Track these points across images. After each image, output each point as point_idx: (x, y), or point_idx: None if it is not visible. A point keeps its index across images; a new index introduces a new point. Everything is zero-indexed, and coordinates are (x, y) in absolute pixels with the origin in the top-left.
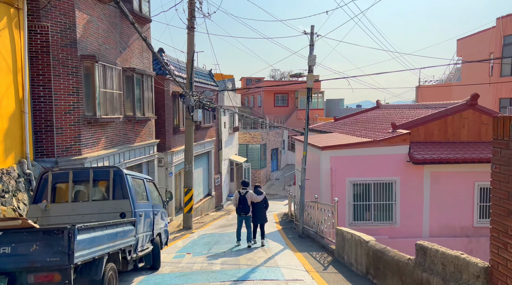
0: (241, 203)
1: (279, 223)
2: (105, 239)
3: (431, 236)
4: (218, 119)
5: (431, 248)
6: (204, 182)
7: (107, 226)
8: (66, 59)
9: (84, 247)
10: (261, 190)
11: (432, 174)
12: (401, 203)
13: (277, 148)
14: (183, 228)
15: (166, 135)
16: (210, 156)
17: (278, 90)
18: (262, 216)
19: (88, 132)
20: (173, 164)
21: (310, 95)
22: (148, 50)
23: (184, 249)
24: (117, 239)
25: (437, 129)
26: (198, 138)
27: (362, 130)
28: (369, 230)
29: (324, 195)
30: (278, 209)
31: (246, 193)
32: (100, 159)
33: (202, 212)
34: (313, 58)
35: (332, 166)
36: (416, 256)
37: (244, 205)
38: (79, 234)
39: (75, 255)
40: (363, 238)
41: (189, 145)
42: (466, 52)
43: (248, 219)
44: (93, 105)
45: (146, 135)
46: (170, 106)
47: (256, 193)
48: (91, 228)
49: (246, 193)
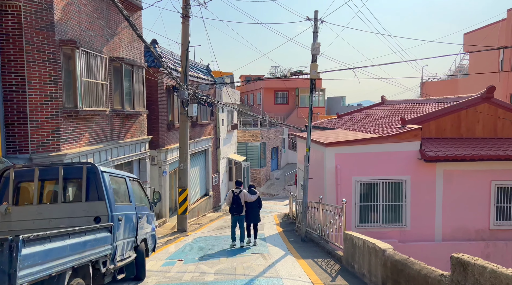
0: (235, 202)
1: (279, 224)
2: (67, 250)
3: (444, 239)
4: (216, 116)
5: (475, 264)
6: (201, 181)
7: (70, 234)
8: (42, 43)
9: (35, 262)
10: (255, 189)
11: (445, 172)
12: (412, 204)
13: (277, 147)
14: (177, 231)
15: (159, 132)
16: (208, 155)
17: (278, 87)
18: (256, 216)
19: (68, 125)
20: (167, 163)
21: (314, 86)
22: (139, 40)
23: (175, 255)
24: (87, 249)
25: (450, 124)
26: (195, 136)
27: (368, 126)
28: (377, 233)
29: (328, 195)
30: (278, 209)
31: (239, 192)
32: (83, 156)
33: (199, 213)
34: (317, 47)
35: (337, 164)
36: (452, 272)
37: (238, 204)
38: (27, 246)
39: (19, 274)
40: (378, 245)
41: (184, 142)
42: (474, 46)
43: (241, 218)
44: (74, 96)
45: (137, 131)
46: (164, 101)
47: (250, 193)
48: (45, 238)
49: (239, 192)
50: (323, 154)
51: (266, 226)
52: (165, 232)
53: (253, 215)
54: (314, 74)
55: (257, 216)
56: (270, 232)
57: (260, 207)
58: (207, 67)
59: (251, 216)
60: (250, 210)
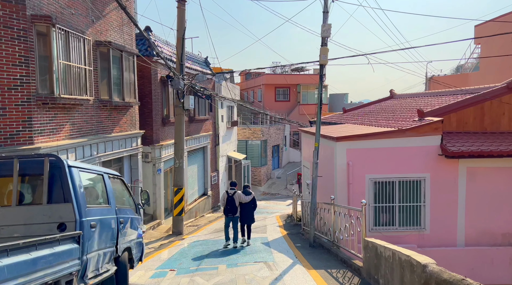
0: (229, 203)
1: (283, 227)
2: (4, 273)
3: (467, 244)
4: (215, 112)
5: None
6: (200, 180)
7: (9, 250)
8: (10, 18)
9: None
10: (250, 190)
11: (469, 170)
12: (431, 204)
13: (278, 145)
14: (172, 233)
15: (153, 126)
16: (206, 152)
17: (279, 84)
18: (250, 217)
19: (43, 115)
20: (162, 160)
21: (324, 73)
22: (130, 24)
23: (168, 263)
24: (38, 269)
25: (472, 117)
26: (192, 132)
27: (380, 120)
28: (393, 237)
29: (339, 195)
30: (280, 210)
31: (234, 193)
32: (62, 150)
33: (197, 214)
34: (327, 28)
35: (348, 161)
36: None
37: (232, 205)
38: None
39: None
40: (415, 259)
41: (180, 137)
42: (486, 38)
43: (235, 219)
44: (50, 81)
45: (128, 125)
46: (159, 93)
47: (245, 193)
48: None
49: (234, 193)
50: (333, 149)
51: (268, 228)
52: (159, 235)
53: (247, 216)
54: (324, 59)
55: (252, 217)
56: (274, 235)
57: (254, 208)
58: (205, 60)
59: (246, 217)
60: (244, 211)
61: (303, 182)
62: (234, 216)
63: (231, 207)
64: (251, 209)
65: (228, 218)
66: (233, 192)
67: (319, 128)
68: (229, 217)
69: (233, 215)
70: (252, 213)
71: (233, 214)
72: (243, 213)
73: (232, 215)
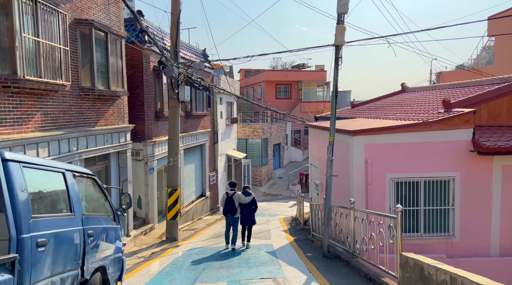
0: (228, 204)
1: (288, 231)
2: None
3: (503, 254)
4: (213, 107)
5: None
6: (197, 180)
7: None
8: None
9: None
10: (250, 191)
11: (505, 168)
12: (461, 208)
13: (280, 144)
14: (166, 239)
15: (145, 121)
16: (204, 151)
17: (279, 81)
18: (251, 218)
19: (4, 101)
20: (155, 158)
21: (340, 56)
22: (118, 3)
23: (157, 279)
24: None
25: (506, 108)
26: (189, 128)
27: (397, 113)
28: (418, 246)
29: (355, 198)
30: (283, 212)
31: (233, 194)
32: (30, 144)
33: (194, 216)
34: (345, 3)
35: (367, 158)
36: None
37: (232, 206)
38: None
39: None
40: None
41: (174, 132)
42: (500, 30)
43: (235, 220)
44: (12, 60)
45: (115, 118)
46: (151, 85)
47: (244, 194)
48: None
49: (233, 194)
50: (349, 145)
51: (273, 233)
52: (151, 241)
53: (248, 218)
54: (341, 39)
55: (252, 219)
56: (279, 242)
57: (255, 209)
58: (203, 52)
59: (246, 218)
60: (244, 212)
61: (310, 182)
62: (233, 217)
63: (230, 208)
64: (252, 211)
65: (228, 219)
66: (233, 192)
67: (334, 119)
68: (229, 218)
69: (233, 216)
70: (253, 215)
71: (233, 215)
72: (243, 214)
73: (231, 216)
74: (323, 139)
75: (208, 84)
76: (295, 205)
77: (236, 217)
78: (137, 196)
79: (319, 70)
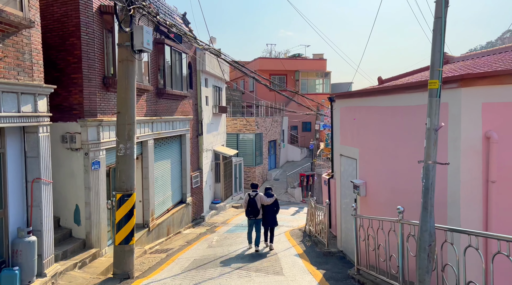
0: (251, 205)
1: (306, 256)
2: None
3: None
4: (196, 89)
5: None
6: (174, 182)
7: None
8: None
9: None
10: (272, 192)
11: None
12: None
13: (275, 140)
14: (113, 277)
15: (84, 87)
16: (184, 143)
17: (274, 70)
18: (273, 220)
19: None
20: (102, 146)
21: None
22: None
23: None
24: None
25: None
26: (162, 111)
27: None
28: None
29: (464, 209)
30: (286, 221)
31: (255, 195)
32: None
33: (169, 230)
34: None
35: (487, 131)
36: None
37: (254, 207)
38: None
39: None
40: None
41: (126, 101)
42: None
43: (258, 222)
44: None
45: (11, 67)
46: (96, 35)
47: (267, 196)
48: None
49: (255, 195)
50: (447, 108)
51: (284, 261)
52: (86, 281)
53: (270, 219)
54: None
55: (274, 220)
56: (295, 272)
57: (277, 210)
58: (183, 17)
59: (268, 219)
60: (266, 213)
61: (336, 183)
62: (256, 218)
63: (253, 209)
64: (274, 212)
65: (251, 220)
66: (255, 194)
67: (443, 35)
68: (251, 219)
69: (255, 217)
70: (275, 216)
71: (255, 216)
72: (265, 215)
73: (254, 217)
74: (376, 111)
75: (184, 33)
76: (297, 212)
77: (259, 218)
78: (73, 206)
79: (318, 59)
